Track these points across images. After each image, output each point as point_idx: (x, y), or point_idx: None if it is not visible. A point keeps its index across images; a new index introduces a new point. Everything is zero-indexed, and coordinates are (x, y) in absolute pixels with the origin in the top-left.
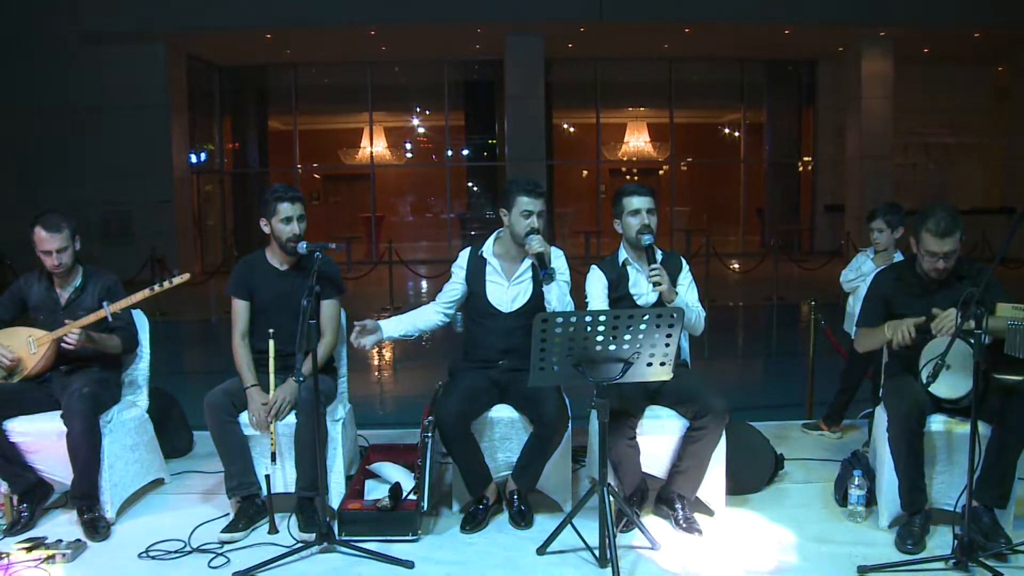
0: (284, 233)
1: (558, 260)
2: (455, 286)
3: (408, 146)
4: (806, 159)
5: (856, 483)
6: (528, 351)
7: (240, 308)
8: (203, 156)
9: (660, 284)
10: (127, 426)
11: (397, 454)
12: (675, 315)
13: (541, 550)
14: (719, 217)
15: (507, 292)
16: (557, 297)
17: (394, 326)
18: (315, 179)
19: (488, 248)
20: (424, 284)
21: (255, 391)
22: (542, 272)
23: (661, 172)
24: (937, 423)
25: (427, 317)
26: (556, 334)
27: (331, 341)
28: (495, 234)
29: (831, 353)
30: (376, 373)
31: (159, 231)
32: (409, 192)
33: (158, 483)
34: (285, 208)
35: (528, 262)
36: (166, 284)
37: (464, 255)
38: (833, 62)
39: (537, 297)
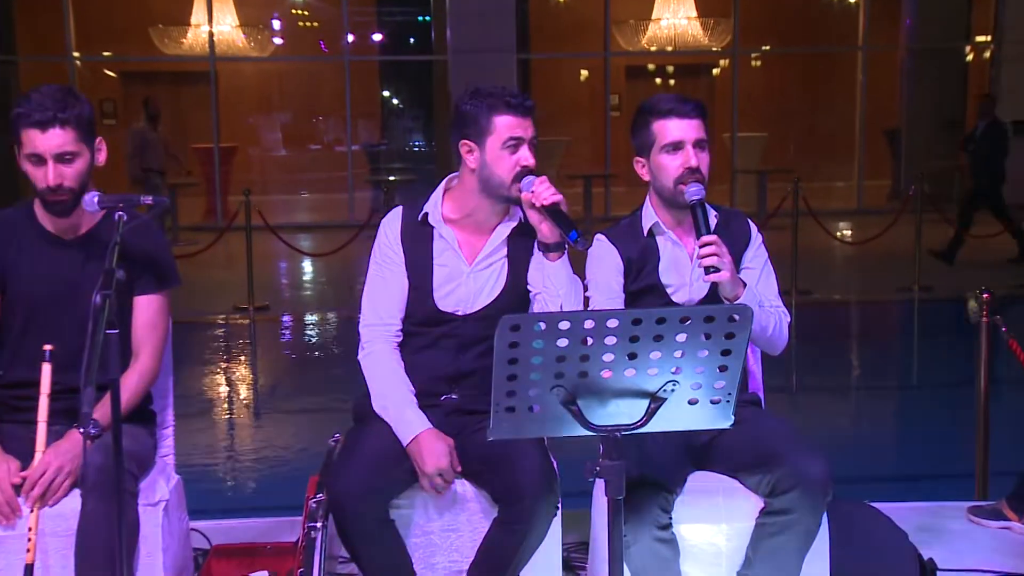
0: (37, 180)
1: None
2: (394, 284)
3: (277, 26)
4: (980, 40)
5: None
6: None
7: None
8: None
9: (716, 268)
10: None
11: (261, 560)
12: (738, 318)
13: None
14: (818, 148)
15: (469, 282)
16: (567, 280)
17: (413, 413)
18: (108, 79)
19: (434, 209)
20: (308, 267)
21: None
22: (571, 236)
23: (716, 72)
24: None
25: (395, 364)
26: (535, 349)
27: (150, 367)
28: (443, 184)
29: (1022, 383)
30: (224, 421)
31: None
32: (280, 107)
33: None
34: (35, 139)
35: (506, 229)
36: None
37: (392, 224)
38: None
39: (515, 288)
